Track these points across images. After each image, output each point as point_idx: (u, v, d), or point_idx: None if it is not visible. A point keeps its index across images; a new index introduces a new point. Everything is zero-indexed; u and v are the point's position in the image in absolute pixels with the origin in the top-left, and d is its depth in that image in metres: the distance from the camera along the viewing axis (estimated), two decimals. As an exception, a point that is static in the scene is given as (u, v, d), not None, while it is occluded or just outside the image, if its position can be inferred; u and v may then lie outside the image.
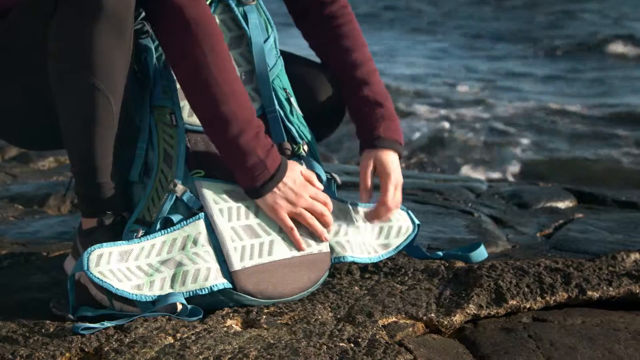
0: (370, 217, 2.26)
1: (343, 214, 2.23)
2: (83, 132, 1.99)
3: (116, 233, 2.06)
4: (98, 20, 1.89)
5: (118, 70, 1.95)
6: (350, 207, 2.25)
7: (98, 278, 1.89)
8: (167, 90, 2.06)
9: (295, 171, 2.10)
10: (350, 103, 2.28)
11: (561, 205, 3.49)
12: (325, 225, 2.14)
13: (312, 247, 2.12)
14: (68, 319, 1.92)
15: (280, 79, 2.19)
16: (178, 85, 2.06)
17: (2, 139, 2.22)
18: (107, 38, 1.91)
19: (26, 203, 3.29)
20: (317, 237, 2.13)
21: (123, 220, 2.08)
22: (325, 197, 2.14)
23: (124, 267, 1.92)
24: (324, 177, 2.20)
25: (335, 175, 2.29)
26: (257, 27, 2.16)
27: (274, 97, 2.16)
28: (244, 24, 2.14)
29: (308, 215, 2.10)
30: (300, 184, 2.09)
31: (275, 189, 2.05)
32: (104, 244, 1.92)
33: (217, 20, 2.12)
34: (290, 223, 2.08)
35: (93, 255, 1.90)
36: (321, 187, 2.16)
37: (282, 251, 2.07)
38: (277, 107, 2.16)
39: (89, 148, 2.00)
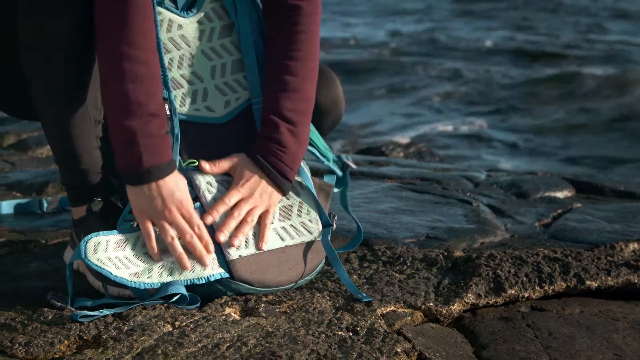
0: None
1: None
2: (57, 122, 2.00)
3: (106, 219, 2.06)
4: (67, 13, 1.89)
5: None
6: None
7: (96, 265, 1.89)
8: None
9: (178, 185, 1.95)
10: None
11: (560, 194, 3.49)
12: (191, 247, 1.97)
13: (307, 236, 2.12)
14: (67, 310, 1.92)
15: None
16: (171, 74, 2.06)
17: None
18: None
19: (24, 191, 3.28)
20: (313, 227, 2.12)
21: (112, 206, 2.08)
22: (201, 228, 1.97)
23: (121, 255, 1.92)
24: (311, 186, 2.14)
25: (349, 161, 2.27)
26: (245, 17, 2.15)
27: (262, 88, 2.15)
28: (231, 14, 2.14)
29: (170, 233, 1.94)
30: (177, 199, 1.94)
31: (145, 188, 1.92)
32: (101, 232, 1.92)
33: (209, 9, 2.12)
34: (150, 231, 1.94)
35: (90, 243, 1.90)
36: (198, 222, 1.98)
37: (273, 241, 2.07)
38: None
39: (66, 136, 2.00)
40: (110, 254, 1.91)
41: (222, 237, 1.98)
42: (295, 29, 2.08)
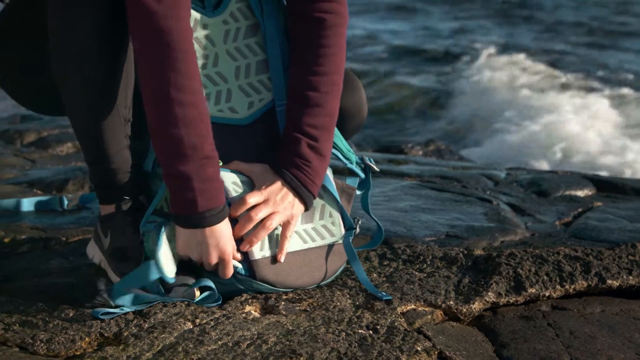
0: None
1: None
2: (88, 122, 2.00)
3: (135, 218, 2.06)
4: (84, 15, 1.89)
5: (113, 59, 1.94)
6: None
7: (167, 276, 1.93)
8: None
9: (225, 232, 1.94)
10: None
11: (580, 193, 3.47)
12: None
13: (328, 238, 2.11)
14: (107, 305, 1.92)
15: None
16: None
17: (22, 105, 2.25)
18: (96, 30, 1.91)
19: (45, 188, 3.30)
20: (334, 229, 2.12)
21: (141, 205, 2.08)
22: (229, 274, 1.98)
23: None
24: (333, 188, 2.15)
25: (372, 163, 2.26)
26: (271, 17, 2.14)
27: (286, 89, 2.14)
28: (257, 13, 2.13)
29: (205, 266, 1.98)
30: (222, 248, 1.93)
31: (197, 232, 1.91)
32: (160, 242, 1.93)
33: (235, 8, 2.11)
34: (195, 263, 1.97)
35: (165, 260, 1.93)
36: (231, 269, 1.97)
37: (295, 243, 2.07)
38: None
39: (96, 136, 2.00)
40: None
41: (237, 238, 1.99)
42: (320, 43, 2.06)
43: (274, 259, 2.01)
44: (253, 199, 2.00)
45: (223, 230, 1.93)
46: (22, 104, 2.27)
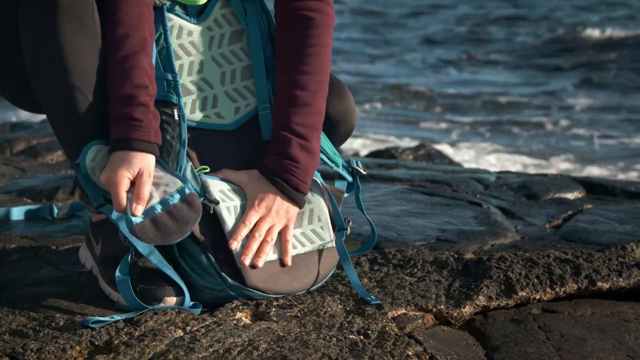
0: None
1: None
2: (66, 127, 2.00)
3: None
4: (55, 17, 1.89)
5: (87, 62, 1.95)
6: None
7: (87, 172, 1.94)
8: (170, 85, 2.04)
9: (123, 164, 1.92)
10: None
11: (570, 196, 3.48)
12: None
13: (317, 242, 2.12)
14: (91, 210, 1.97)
15: None
16: (181, 80, 2.06)
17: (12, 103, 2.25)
18: (67, 32, 1.91)
19: (35, 197, 3.29)
20: (324, 233, 2.12)
21: None
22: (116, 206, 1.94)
23: None
24: (321, 192, 2.16)
25: (359, 167, 2.26)
26: (255, 22, 2.15)
27: (271, 94, 2.14)
28: (241, 19, 2.14)
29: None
30: (113, 182, 1.91)
31: (117, 153, 1.93)
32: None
33: (219, 15, 2.12)
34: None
35: (92, 151, 1.95)
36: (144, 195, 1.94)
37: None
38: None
39: (77, 142, 1.99)
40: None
41: (247, 261, 1.99)
42: (307, 42, 2.09)
43: (264, 266, 2.01)
44: (253, 218, 2.02)
45: (122, 160, 1.92)
46: (18, 105, 2.26)
